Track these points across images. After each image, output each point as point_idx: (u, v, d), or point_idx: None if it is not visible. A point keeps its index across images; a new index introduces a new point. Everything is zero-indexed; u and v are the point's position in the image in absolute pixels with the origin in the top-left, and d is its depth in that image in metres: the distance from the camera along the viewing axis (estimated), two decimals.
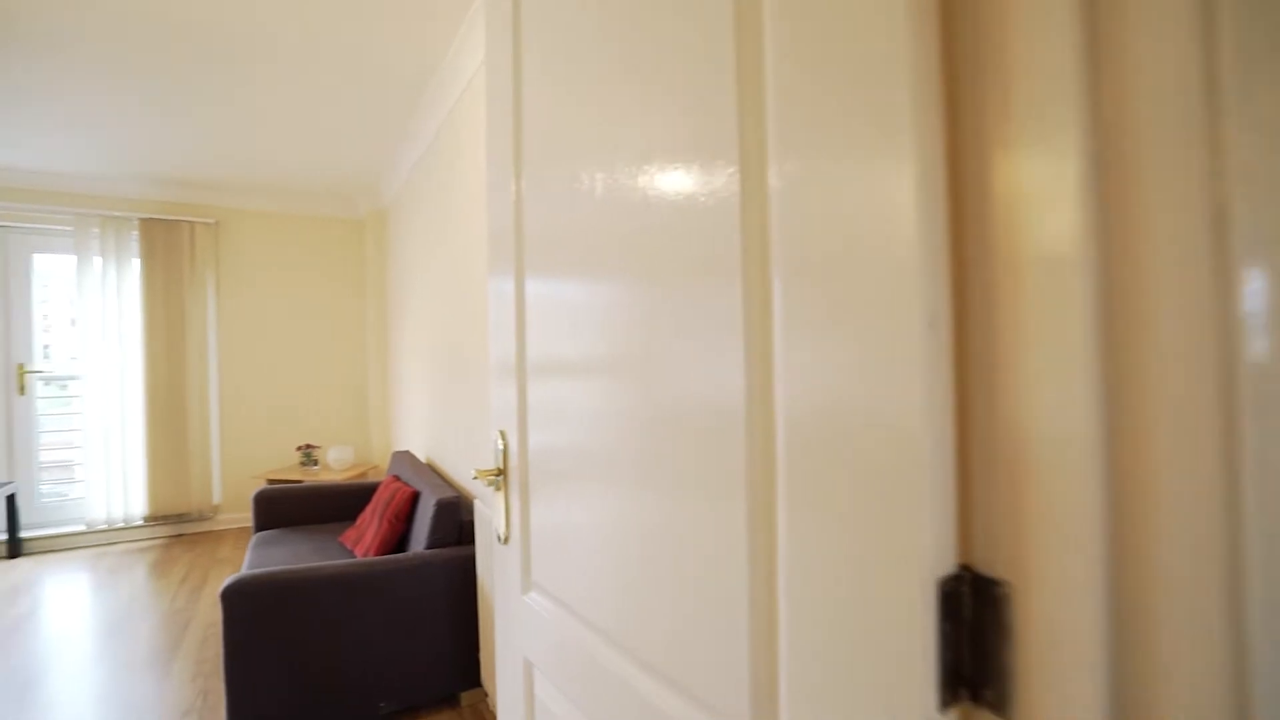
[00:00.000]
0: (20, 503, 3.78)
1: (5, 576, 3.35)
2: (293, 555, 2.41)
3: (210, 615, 2.81)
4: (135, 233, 3.87)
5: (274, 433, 4.40)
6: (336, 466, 4.15)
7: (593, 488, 0.70)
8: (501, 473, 0.92)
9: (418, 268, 3.35)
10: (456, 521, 2.06)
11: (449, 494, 2.10)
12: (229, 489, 4.26)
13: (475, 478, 0.92)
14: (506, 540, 0.91)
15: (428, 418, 3.16)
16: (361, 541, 2.38)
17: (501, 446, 0.92)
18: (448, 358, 2.74)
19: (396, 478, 2.73)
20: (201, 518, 4.14)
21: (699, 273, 0.53)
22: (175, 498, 4.00)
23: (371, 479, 3.45)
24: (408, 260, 3.63)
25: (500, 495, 0.92)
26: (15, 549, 3.62)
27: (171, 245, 3.96)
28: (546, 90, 0.79)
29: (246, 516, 4.30)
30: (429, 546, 2.01)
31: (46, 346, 3.94)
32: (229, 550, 3.77)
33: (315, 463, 4.22)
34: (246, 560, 2.41)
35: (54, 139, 3.13)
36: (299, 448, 4.17)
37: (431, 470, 2.65)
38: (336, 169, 3.83)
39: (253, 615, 1.72)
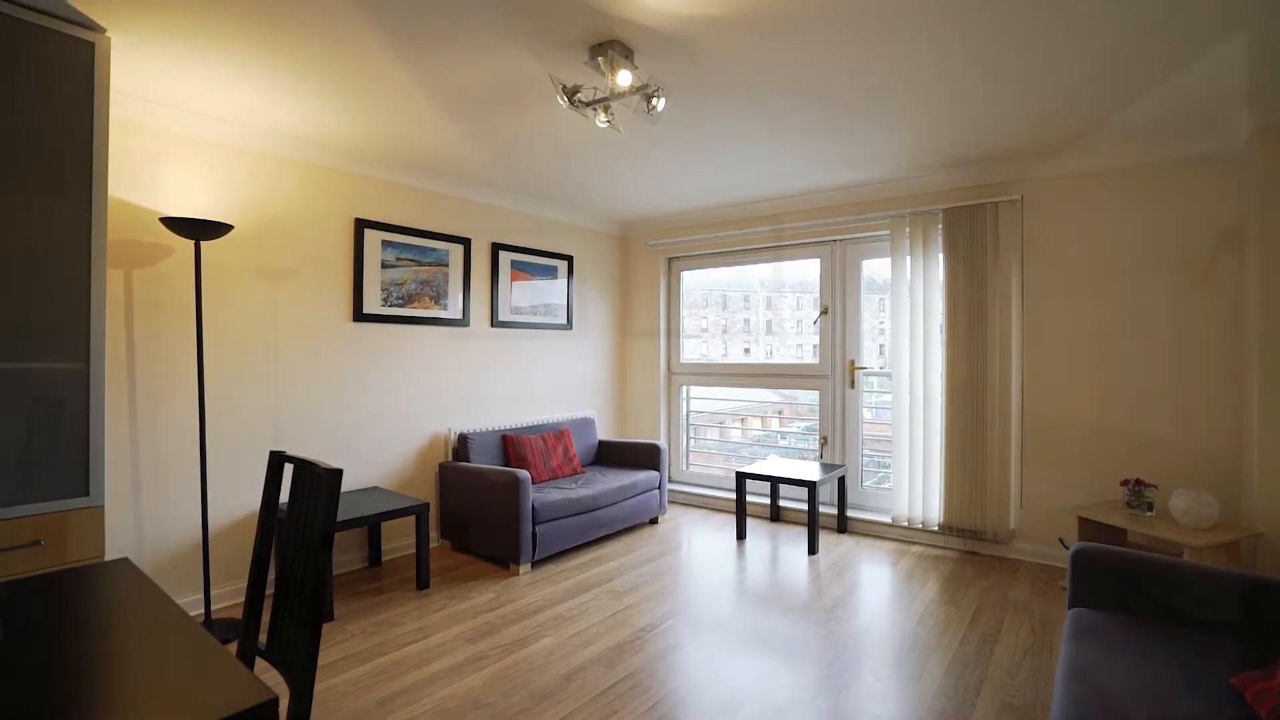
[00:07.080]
0: (848, 485, 4.29)
1: (835, 548, 3.80)
2: (1149, 693, 1.46)
3: (1004, 693, 2.19)
4: (939, 225, 3.71)
5: (1088, 456, 3.41)
6: (1185, 521, 2.81)
7: None
8: None
9: None
10: None
11: None
12: (1028, 514, 3.57)
13: None
14: None
15: None
16: None
17: None
18: None
19: None
20: (996, 540, 3.63)
21: None
22: (969, 511, 3.63)
23: (1255, 557, 2.00)
24: None
25: None
26: (843, 525, 4.11)
27: (973, 233, 3.59)
28: None
29: (1047, 552, 3.51)
30: None
31: (881, 345, 4.33)
32: (1024, 593, 3.08)
33: (1149, 508, 2.99)
34: (1063, 668, 1.62)
35: (872, 147, 3.24)
36: (1124, 482, 3.05)
37: None
38: (1197, 85, 2.49)
39: None
